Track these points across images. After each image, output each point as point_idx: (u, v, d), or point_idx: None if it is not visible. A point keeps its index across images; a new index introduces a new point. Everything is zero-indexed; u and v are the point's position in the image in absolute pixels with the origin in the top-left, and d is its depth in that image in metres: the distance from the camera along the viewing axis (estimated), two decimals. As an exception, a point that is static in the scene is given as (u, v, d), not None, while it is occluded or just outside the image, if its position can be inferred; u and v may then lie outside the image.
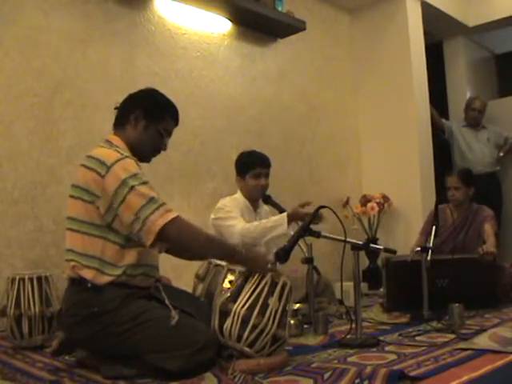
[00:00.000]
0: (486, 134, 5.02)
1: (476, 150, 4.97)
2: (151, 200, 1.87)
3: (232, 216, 2.93)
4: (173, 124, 2.16)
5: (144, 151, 2.11)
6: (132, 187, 1.87)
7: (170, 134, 2.16)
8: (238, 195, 3.14)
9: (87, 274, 1.91)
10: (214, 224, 2.98)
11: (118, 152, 1.97)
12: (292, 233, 2.48)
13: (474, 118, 5.01)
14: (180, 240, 1.94)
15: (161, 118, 2.10)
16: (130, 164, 1.94)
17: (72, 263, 1.94)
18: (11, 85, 2.93)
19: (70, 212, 2.00)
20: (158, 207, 1.87)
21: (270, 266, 2.01)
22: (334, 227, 2.52)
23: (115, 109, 2.14)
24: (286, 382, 1.72)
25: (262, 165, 3.08)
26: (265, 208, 3.21)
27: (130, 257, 1.95)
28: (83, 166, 1.98)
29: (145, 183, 1.92)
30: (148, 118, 2.08)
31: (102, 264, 1.92)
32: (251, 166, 3.06)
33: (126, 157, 1.96)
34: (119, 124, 2.11)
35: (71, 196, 1.99)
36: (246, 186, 3.09)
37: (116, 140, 2.07)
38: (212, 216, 3.02)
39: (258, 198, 3.12)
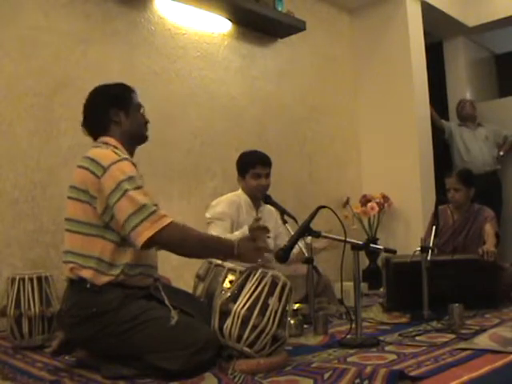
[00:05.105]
0: (483, 132, 5.03)
1: (475, 149, 4.97)
2: (142, 207, 1.86)
3: (215, 220, 2.96)
4: (136, 95, 2.18)
5: (139, 133, 2.15)
6: (125, 191, 1.87)
7: (141, 104, 2.19)
8: (240, 192, 3.15)
9: (86, 274, 1.91)
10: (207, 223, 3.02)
11: (116, 153, 1.97)
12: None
13: (468, 117, 5.09)
14: (170, 246, 1.94)
15: (129, 99, 2.13)
16: (127, 166, 1.94)
17: (70, 265, 1.95)
18: (11, 85, 2.93)
19: (69, 213, 2.00)
20: (147, 216, 1.85)
21: (260, 261, 2.01)
22: (334, 227, 2.52)
23: (82, 126, 2.14)
24: (286, 382, 1.72)
25: (263, 164, 3.08)
26: (268, 208, 3.19)
27: (128, 255, 1.95)
28: (80, 166, 1.98)
29: (139, 187, 1.91)
30: (121, 106, 2.10)
31: (100, 263, 1.92)
32: (251, 166, 3.06)
33: (124, 159, 1.96)
34: (102, 131, 2.10)
35: (69, 197, 2.00)
36: (247, 186, 3.09)
37: (111, 140, 2.06)
38: (206, 214, 3.05)
39: (259, 197, 3.12)
